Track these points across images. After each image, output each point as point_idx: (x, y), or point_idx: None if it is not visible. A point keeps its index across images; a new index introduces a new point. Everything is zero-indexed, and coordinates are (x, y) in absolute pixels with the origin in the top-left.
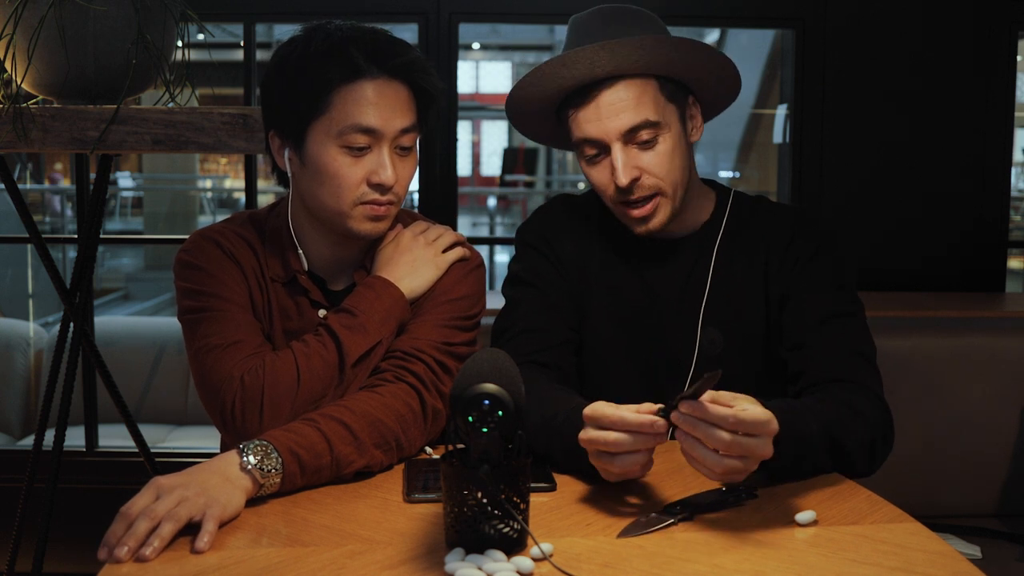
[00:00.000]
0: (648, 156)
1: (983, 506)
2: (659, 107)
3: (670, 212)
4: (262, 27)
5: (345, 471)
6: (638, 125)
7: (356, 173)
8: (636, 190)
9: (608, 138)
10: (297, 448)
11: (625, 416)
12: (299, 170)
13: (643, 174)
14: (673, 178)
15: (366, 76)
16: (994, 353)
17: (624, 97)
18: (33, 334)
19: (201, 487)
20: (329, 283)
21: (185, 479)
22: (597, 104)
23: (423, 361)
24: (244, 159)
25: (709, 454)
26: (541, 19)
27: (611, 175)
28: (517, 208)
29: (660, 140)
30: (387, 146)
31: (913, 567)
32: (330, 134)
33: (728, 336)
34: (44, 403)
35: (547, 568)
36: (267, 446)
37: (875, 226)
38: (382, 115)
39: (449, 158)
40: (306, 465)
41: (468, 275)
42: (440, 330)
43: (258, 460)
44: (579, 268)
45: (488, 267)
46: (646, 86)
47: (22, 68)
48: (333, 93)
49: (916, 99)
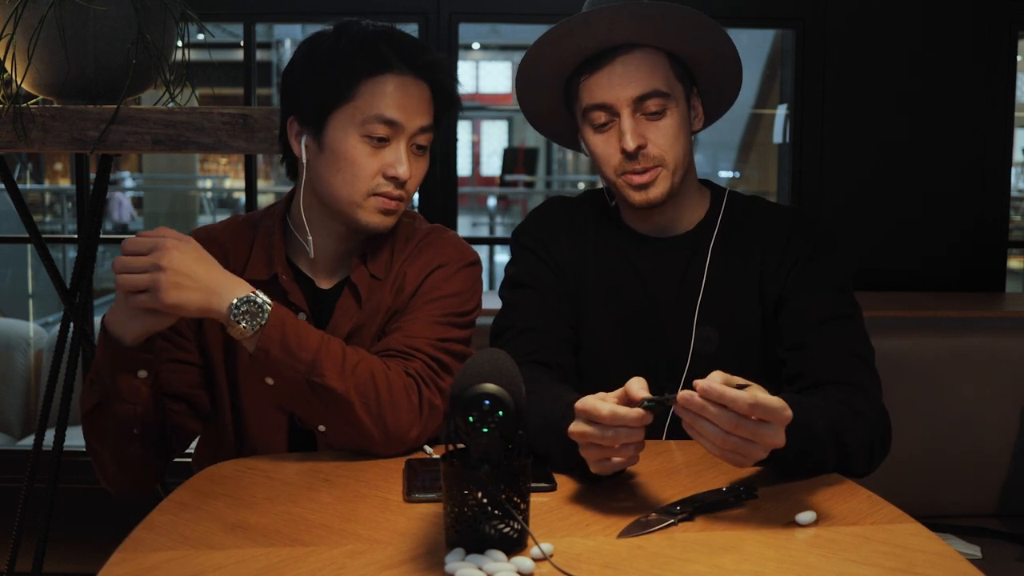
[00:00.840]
0: (655, 127)
1: (983, 506)
2: (669, 81)
3: (669, 187)
4: (262, 27)
5: (314, 377)
6: (649, 93)
7: (373, 164)
8: (641, 159)
9: (619, 104)
10: (288, 321)
11: (617, 411)
12: (315, 157)
13: (648, 143)
14: (676, 153)
15: (393, 71)
16: (994, 353)
17: (638, 66)
18: (33, 334)
19: (192, 278)
20: (320, 281)
21: (190, 271)
22: (611, 70)
23: (419, 358)
24: (244, 159)
25: (715, 430)
26: (541, 19)
27: (618, 142)
28: (517, 208)
29: (668, 113)
30: (405, 141)
31: (913, 568)
32: (353, 122)
33: (723, 335)
34: (44, 403)
35: (547, 568)
36: (262, 307)
37: (875, 226)
38: (405, 110)
39: (449, 158)
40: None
41: (458, 272)
42: (434, 326)
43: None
44: (576, 269)
45: (488, 268)
46: (659, 58)
47: (22, 68)
48: (360, 83)
49: (916, 99)
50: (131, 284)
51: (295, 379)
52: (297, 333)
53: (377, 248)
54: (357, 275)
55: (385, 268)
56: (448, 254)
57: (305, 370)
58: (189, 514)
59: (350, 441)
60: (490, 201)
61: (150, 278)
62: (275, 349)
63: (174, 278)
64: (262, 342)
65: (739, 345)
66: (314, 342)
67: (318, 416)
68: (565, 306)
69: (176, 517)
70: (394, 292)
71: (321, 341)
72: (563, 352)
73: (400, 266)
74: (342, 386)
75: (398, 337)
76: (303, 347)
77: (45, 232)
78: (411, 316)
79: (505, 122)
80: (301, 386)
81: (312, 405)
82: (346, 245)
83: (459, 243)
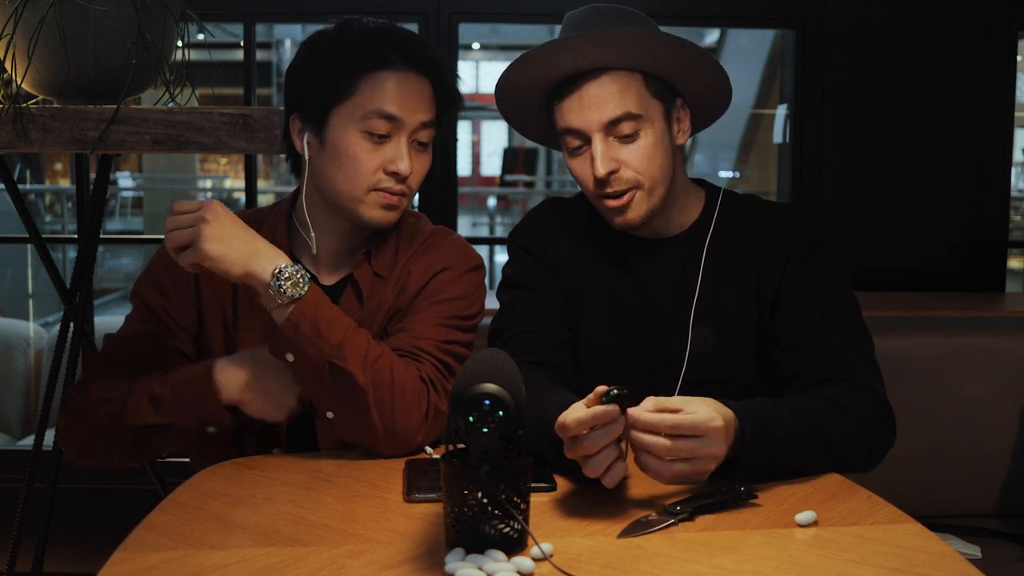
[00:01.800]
0: (628, 150)
1: (983, 506)
2: (643, 102)
3: (647, 208)
4: (262, 27)
5: (336, 360)
6: (619, 117)
7: (374, 160)
8: (613, 183)
9: (589, 129)
10: (323, 301)
11: (581, 417)
12: (317, 153)
13: (621, 167)
14: (652, 174)
15: (393, 67)
16: (994, 353)
17: (608, 90)
18: (33, 334)
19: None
20: (323, 277)
21: (234, 229)
22: (581, 95)
23: (428, 361)
24: (244, 159)
25: (654, 460)
26: (541, 19)
27: (591, 166)
28: (517, 208)
29: (641, 135)
30: (405, 137)
31: (913, 568)
32: (353, 118)
33: (719, 335)
34: (44, 403)
35: (547, 568)
36: (305, 280)
37: (875, 226)
38: (405, 105)
39: (449, 158)
40: (317, 323)
41: (463, 275)
42: (439, 328)
43: (290, 275)
44: (573, 270)
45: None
46: (631, 80)
47: (22, 68)
48: (360, 79)
49: (916, 99)
50: (177, 240)
51: (317, 359)
52: (329, 314)
53: (381, 245)
54: (360, 272)
55: (389, 266)
56: (453, 257)
57: (330, 351)
58: (189, 514)
59: (355, 433)
60: (490, 201)
61: (194, 231)
62: (305, 324)
63: (218, 231)
64: (294, 315)
65: (735, 345)
66: (343, 327)
67: (331, 402)
68: (563, 307)
69: (176, 517)
70: (397, 291)
71: (349, 327)
72: (561, 352)
73: (404, 264)
74: (361, 374)
75: (404, 338)
76: (332, 329)
77: (45, 232)
78: (416, 317)
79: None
80: (321, 367)
81: (328, 389)
82: (349, 242)
83: (464, 246)
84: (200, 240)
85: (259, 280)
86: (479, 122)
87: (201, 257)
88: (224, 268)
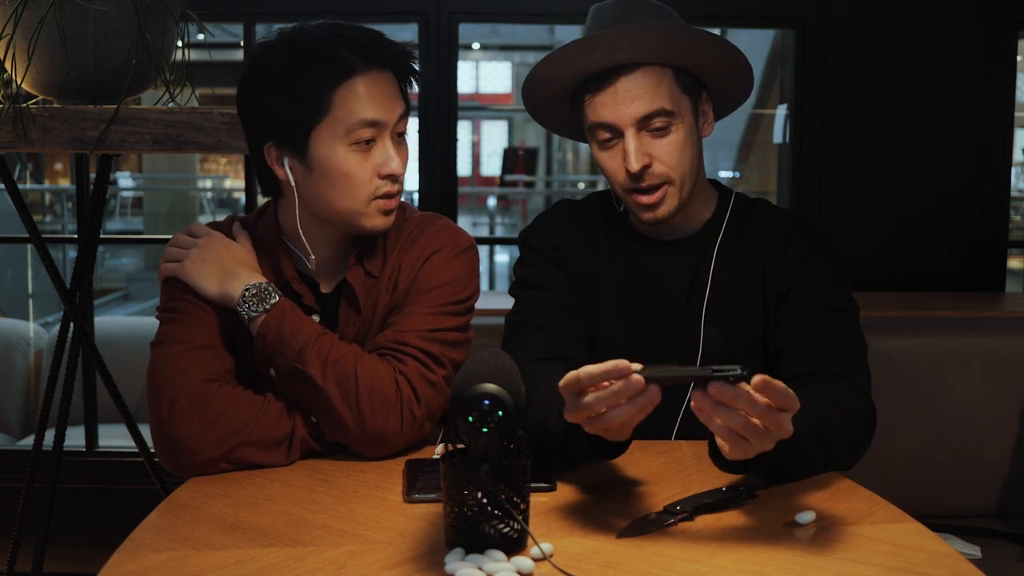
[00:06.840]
0: (660, 144)
1: (983, 506)
2: (674, 97)
3: (677, 203)
4: (262, 27)
5: (298, 364)
6: (653, 112)
7: (366, 169)
8: (647, 177)
9: (623, 124)
10: (289, 312)
11: (592, 372)
12: (304, 177)
13: (654, 162)
14: (683, 168)
15: (359, 71)
16: (994, 353)
17: (641, 84)
18: (33, 334)
19: (215, 260)
20: (322, 285)
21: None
22: (614, 90)
23: (409, 354)
24: (244, 159)
25: (740, 417)
26: (541, 19)
27: (623, 161)
28: (517, 208)
29: (673, 129)
30: (389, 135)
31: (913, 567)
32: (336, 135)
33: (728, 335)
34: (44, 403)
35: (547, 568)
36: (271, 295)
37: (875, 226)
38: (382, 106)
39: (449, 158)
40: (282, 332)
41: (454, 259)
42: (425, 318)
43: (257, 291)
44: (588, 272)
45: (488, 267)
46: (663, 75)
47: (22, 68)
48: (332, 94)
49: (916, 99)
50: (169, 256)
51: (284, 366)
52: (293, 323)
53: (372, 245)
54: (353, 275)
55: (380, 264)
56: (442, 240)
57: (293, 357)
58: (189, 514)
59: (334, 433)
60: (490, 201)
61: (185, 253)
62: (271, 335)
63: (201, 255)
64: (262, 327)
65: (743, 345)
66: (307, 334)
67: (309, 406)
68: (580, 306)
69: (176, 517)
70: (391, 288)
71: (314, 333)
72: (582, 349)
73: (395, 258)
74: (320, 375)
75: (389, 334)
76: (295, 336)
77: (45, 232)
78: (405, 311)
79: (505, 122)
80: (291, 375)
81: (300, 394)
82: (343, 249)
83: (453, 229)
84: (186, 261)
85: (232, 300)
86: (479, 122)
87: (182, 277)
88: (203, 289)
